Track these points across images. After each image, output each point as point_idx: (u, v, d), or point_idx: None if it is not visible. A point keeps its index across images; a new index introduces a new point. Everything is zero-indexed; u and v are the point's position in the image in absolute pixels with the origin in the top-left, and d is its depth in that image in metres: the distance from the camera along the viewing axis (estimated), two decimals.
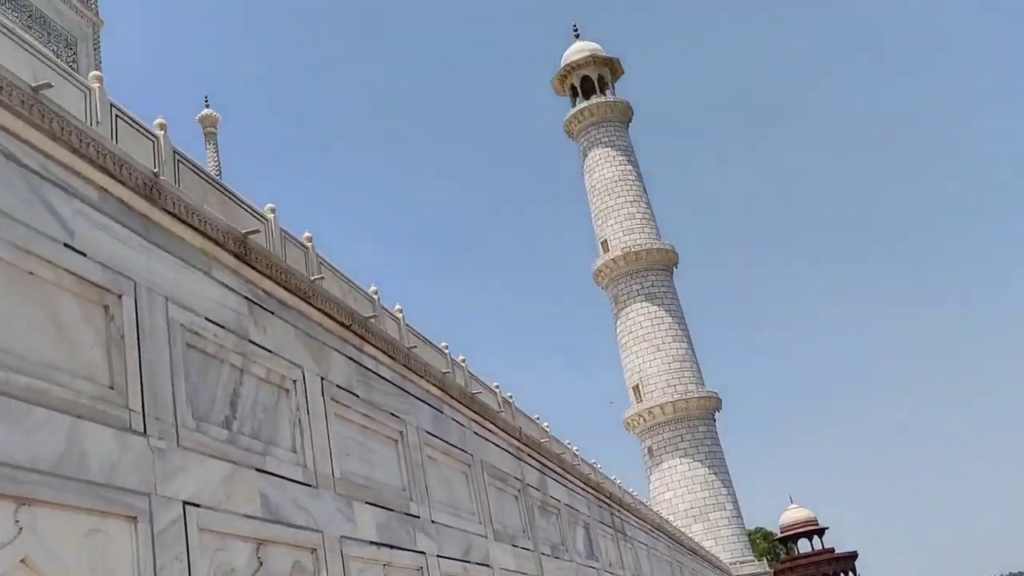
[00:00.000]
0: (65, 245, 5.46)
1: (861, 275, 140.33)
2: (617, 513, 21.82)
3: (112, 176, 6.00)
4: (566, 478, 17.43)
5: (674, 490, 49.57)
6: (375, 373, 9.71)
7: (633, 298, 53.06)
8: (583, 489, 18.72)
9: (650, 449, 51.18)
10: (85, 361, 5.42)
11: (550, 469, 16.35)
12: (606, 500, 20.83)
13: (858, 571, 62.07)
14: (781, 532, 65.54)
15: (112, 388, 5.56)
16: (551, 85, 59.95)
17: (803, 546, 64.08)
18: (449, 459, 11.28)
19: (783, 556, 66.62)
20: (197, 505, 5.96)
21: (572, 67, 58.60)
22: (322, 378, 8.38)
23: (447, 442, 11.30)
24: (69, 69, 6.18)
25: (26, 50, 5.90)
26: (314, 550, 7.28)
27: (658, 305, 52.60)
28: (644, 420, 50.99)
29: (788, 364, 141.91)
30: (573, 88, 58.89)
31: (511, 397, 16.26)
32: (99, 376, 5.49)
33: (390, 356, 10.16)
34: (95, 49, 20.48)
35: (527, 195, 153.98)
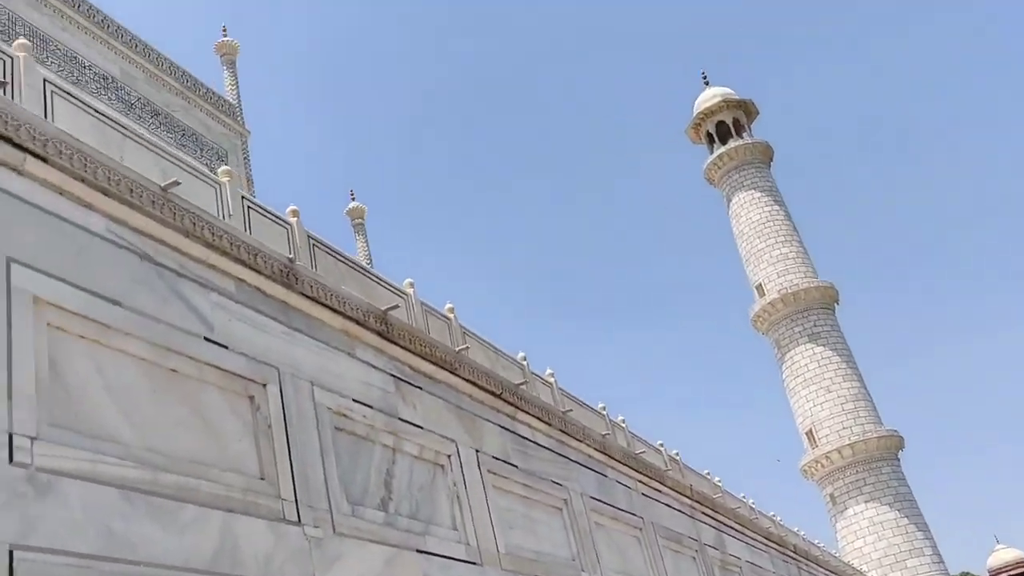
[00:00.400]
0: (206, 339, 5.46)
1: None
2: (804, 567, 20.64)
3: (247, 265, 6.02)
4: (745, 533, 16.59)
5: (863, 538, 46.85)
6: (532, 441, 9.43)
7: (796, 341, 51.10)
8: (765, 544, 17.78)
9: (832, 496, 48.70)
10: (233, 453, 5.37)
11: (726, 526, 15.59)
12: (791, 554, 19.73)
13: None
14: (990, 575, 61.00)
15: (263, 479, 5.48)
16: (686, 135, 59.34)
17: None
18: (618, 524, 10.83)
19: None
20: None
21: (706, 114, 57.87)
22: (477, 451, 8.16)
23: (614, 506, 10.87)
24: (198, 165, 6.30)
25: (154, 152, 6.03)
26: None
27: (823, 345, 50.46)
28: (822, 466, 48.63)
29: (972, 392, 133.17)
30: (709, 135, 58.07)
31: (678, 454, 15.69)
32: (248, 467, 5.42)
33: (545, 422, 9.87)
34: (244, 159, 21.53)
35: (673, 248, 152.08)
